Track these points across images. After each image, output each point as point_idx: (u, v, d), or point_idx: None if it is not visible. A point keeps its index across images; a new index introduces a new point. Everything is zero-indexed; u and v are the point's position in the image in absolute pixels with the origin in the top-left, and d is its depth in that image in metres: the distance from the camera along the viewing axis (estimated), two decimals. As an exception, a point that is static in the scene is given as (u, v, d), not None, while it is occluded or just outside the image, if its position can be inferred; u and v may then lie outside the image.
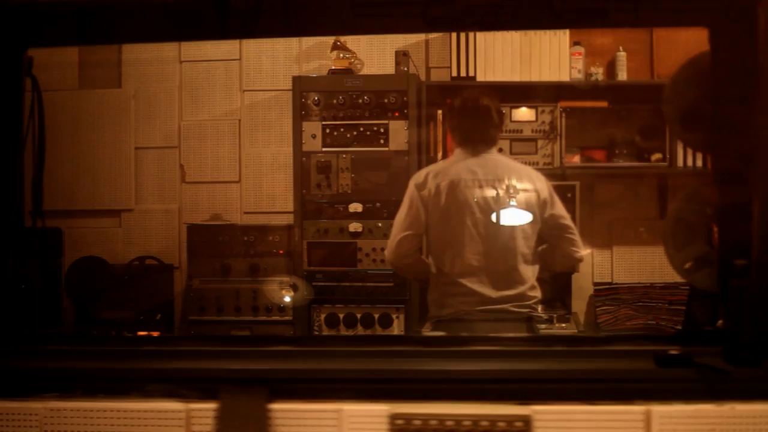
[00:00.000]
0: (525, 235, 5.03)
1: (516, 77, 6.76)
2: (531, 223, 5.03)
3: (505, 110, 6.64)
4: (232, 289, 6.84)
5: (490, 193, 4.99)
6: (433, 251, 5.17)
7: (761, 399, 2.66)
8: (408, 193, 5.15)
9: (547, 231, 5.07)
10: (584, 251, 5.23)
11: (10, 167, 3.22)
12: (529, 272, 5.06)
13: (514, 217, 5.00)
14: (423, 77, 7.04)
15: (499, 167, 5.13)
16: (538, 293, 5.11)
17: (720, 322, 2.92)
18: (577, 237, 5.13)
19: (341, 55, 6.87)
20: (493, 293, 4.98)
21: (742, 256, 2.77)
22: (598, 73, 6.84)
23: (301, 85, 6.71)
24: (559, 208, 5.10)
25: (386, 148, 6.63)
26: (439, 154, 6.73)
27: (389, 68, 6.86)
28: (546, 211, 5.04)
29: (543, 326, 5.61)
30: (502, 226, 4.99)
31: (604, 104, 6.78)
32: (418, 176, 5.20)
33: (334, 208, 6.64)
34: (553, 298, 6.44)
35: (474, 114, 5.18)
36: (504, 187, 5.00)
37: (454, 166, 5.15)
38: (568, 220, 5.12)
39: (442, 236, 5.07)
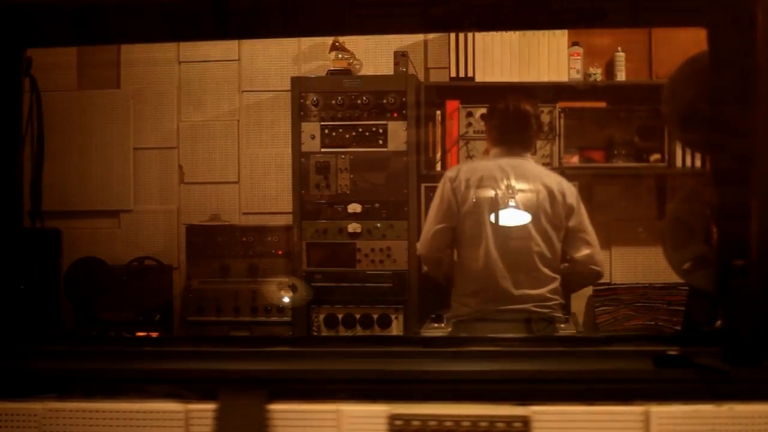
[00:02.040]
0: (548, 240, 5.05)
1: (515, 78, 6.76)
2: (555, 228, 5.06)
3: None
4: (231, 289, 6.84)
5: (519, 192, 5.02)
6: (459, 245, 5.20)
7: (760, 399, 2.66)
8: (440, 186, 5.20)
9: (568, 241, 5.09)
10: (603, 268, 5.28)
11: (10, 168, 3.22)
12: (551, 277, 5.08)
13: (538, 219, 5.03)
14: (422, 78, 7.04)
15: (531, 170, 5.20)
16: (559, 298, 5.14)
17: (719, 322, 2.93)
18: (596, 251, 5.15)
19: (340, 55, 6.87)
20: (515, 291, 4.99)
21: (740, 256, 2.77)
22: (597, 73, 6.84)
23: (299, 85, 6.71)
24: (583, 220, 5.14)
25: (385, 149, 6.63)
26: (438, 155, 6.74)
27: (388, 69, 6.86)
28: (571, 220, 5.06)
29: (562, 326, 5.63)
30: (526, 226, 5.02)
31: (602, 104, 6.78)
32: (452, 170, 5.29)
33: (333, 208, 6.64)
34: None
35: (515, 118, 5.24)
36: (533, 188, 5.06)
37: (487, 163, 5.24)
38: (589, 235, 5.15)
39: (469, 230, 5.10)
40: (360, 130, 6.64)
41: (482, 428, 2.70)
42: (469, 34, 6.72)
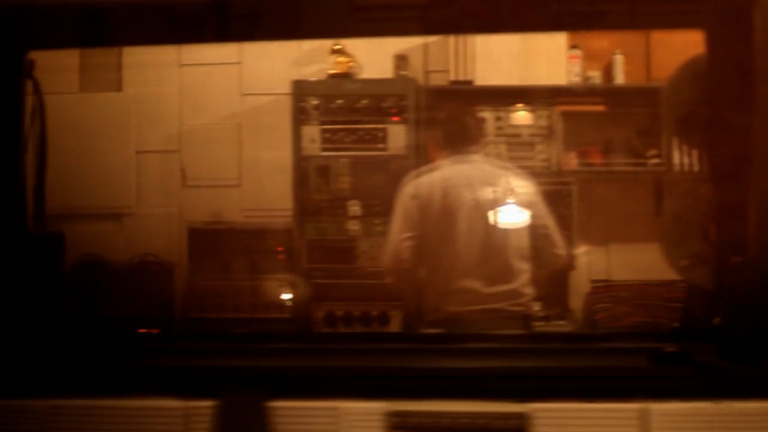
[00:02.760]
0: (517, 234, 5.05)
1: (514, 81, 6.76)
2: (522, 220, 5.06)
3: (502, 113, 6.68)
4: (232, 287, 6.84)
5: (482, 194, 5.03)
6: (427, 255, 5.15)
7: (757, 396, 2.68)
8: (400, 202, 5.17)
9: (529, 231, 5.11)
10: (565, 251, 5.30)
11: (13, 171, 3.24)
12: (522, 271, 5.07)
13: (505, 215, 5.03)
14: (421, 81, 7.04)
15: (487, 169, 5.21)
16: (531, 291, 5.12)
17: (716, 319, 2.94)
18: (556, 237, 5.16)
19: (340, 59, 6.88)
20: (487, 290, 4.99)
21: (737, 253, 2.79)
22: (596, 76, 6.85)
23: (300, 89, 6.72)
24: (540, 208, 5.15)
25: (385, 152, 6.64)
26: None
27: (388, 72, 6.87)
28: (531, 209, 5.08)
29: (540, 324, 5.62)
30: (494, 224, 5.02)
31: (601, 107, 6.79)
32: (410, 186, 5.22)
33: (333, 209, 6.65)
34: (550, 296, 6.44)
35: (457, 121, 5.35)
36: (493, 187, 5.06)
37: (444, 171, 5.20)
38: (548, 220, 5.16)
39: (436, 240, 5.08)
40: (360, 133, 6.65)
41: (480, 425, 2.72)
42: (469, 38, 6.73)
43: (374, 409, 2.75)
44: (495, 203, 5.04)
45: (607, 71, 6.93)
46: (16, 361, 3.07)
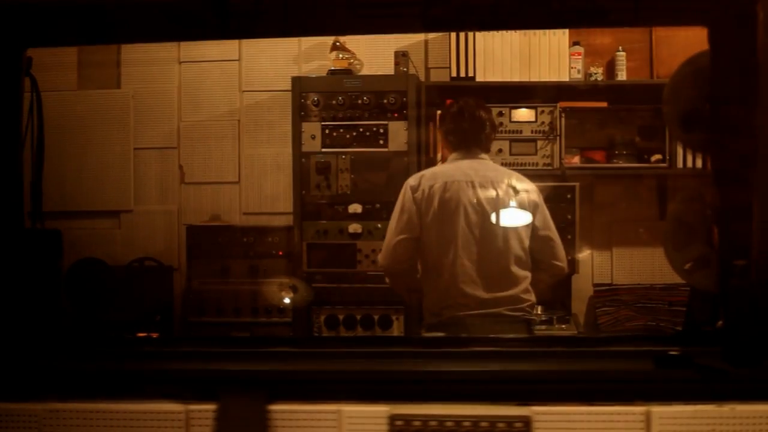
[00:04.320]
0: (518, 238, 5.03)
1: (515, 77, 6.76)
2: (524, 226, 5.04)
3: (504, 111, 6.66)
4: (232, 290, 6.84)
5: (484, 194, 5.00)
6: (425, 255, 5.13)
7: (761, 399, 2.66)
8: (401, 197, 5.14)
9: (532, 239, 5.07)
10: (565, 263, 5.25)
11: (10, 168, 3.22)
12: (523, 275, 5.04)
13: (507, 219, 5.01)
14: (422, 78, 7.04)
15: (492, 170, 5.16)
16: (532, 297, 5.08)
17: (720, 322, 2.92)
18: (559, 247, 5.14)
19: (340, 55, 6.87)
20: (487, 295, 4.96)
21: (741, 256, 2.77)
22: (598, 73, 6.83)
23: (300, 85, 6.71)
24: (545, 217, 5.12)
25: (386, 149, 6.63)
26: (439, 155, 6.72)
27: (388, 69, 6.85)
28: (536, 218, 5.07)
29: (542, 327, 5.59)
30: (496, 227, 4.99)
31: (603, 104, 6.77)
32: (413, 179, 5.19)
33: (334, 209, 6.64)
34: (552, 300, 6.43)
35: (470, 121, 5.20)
36: (497, 189, 5.03)
37: (448, 168, 5.18)
38: (551, 231, 5.13)
39: (435, 238, 5.05)
40: (360, 130, 6.63)
41: (483, 428, 2.70)
42: (470, 34, 6.72)
43: (377, 412, 2.74)
44: (498, 204, 5.00)
45: (610, 68, 6.92)
46: (13, 363, 3.05)
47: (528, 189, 5.10)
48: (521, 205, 5.05)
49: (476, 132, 5.20)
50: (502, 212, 5.02)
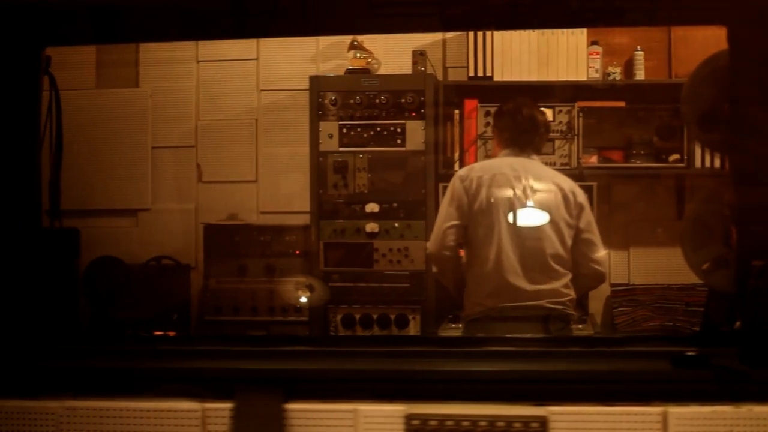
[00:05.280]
0: (560, 236, 5.08)
1: (533, 77, 6.74)
2: (568, 226, 5.09)
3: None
4: (249, 289, 6.84)
5: (530, 190, 5.05)
6: (471, 244, 5.18)
7: (779, 401, 2.65)
8: (451, 185, 5.22)
9: (575, 241, 5.12)
10: (605, 268, 5.30)
11: (29, 166, 3.23)
12: (563, 272, 5.08)
13: (551, 216, 5.05)
14: (440, 77, 7.02)
15: (542, 170, 5.25)
16: (572, 292, 5.12)
17: (737, 323, 2.91)
18: (601, 252, 5.16)
19: (358, 54, 6.87)
20: (530, 287, 5.00)
21: (760, 257, 2.76)
22: (616, 72, 6.81)
23: (318, 84, 6.70)
24: (591, 221, 5.18)
25: (403, 148, 6.61)
26: (456, 154, 6.72)
27: (406, 68, 6.84)
28: (581, 220, 5.12)
29: (579, 326, 5.60)
30: (541, 224, 5.05)
31: (621, 104, 6.75)
32: (463, 170, 5.33)
33: (351, 208, 6.63)
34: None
35: (526, 120, 5.29)
36: (544, 187, 5.10)
37: (497, 162, 5.28)
38: (594, 236, 5.17)
39: (481, 228, 5.10)
40: (378, 129, 6.63)
41: (499, 428, 2.70)
42: (488, 34, 6.71)
43: (393, 412, 2.74)
44: (543, 202, 5.07)
45: (628, 67, 6.90)
46: (30, 361, 3.07)
47: (575, 191, 5.16)
48: (567, 206, 5.10)
49: (530, 132, 5.28)
50: (547, 210, 5.08)
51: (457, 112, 6.78)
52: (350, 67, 6.87)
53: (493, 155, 5.69)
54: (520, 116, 5.29)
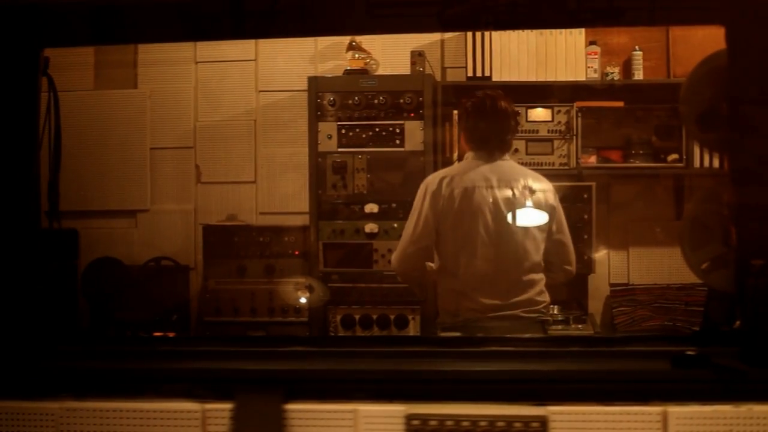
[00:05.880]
0: (535, 243, 4.98)
1: (532, 77, 6.75)
2: (540, 230, 5.00)
3: (520, 110, 6.63)
4: (248, 290, 6.83)
5: (503, 201, 4.94)
6: (443, 257, 5.08)
7: (779, 400, 2.65)
8: (419, 199, 5.06)
9: (547, 242, 5.03)
10: (575, 266, 5.19)
11: (27, 167, 3.23)
12: (538, 279, 5.01)
13: (525, 223, 4.97)
14: (438, 77, 7.02)
15: (513, 174, 5.06)
16: (546, 297, 5.05)
17: (737, 322, 2.92)
18: (571, 251, 5.11)
19: (357, 55, 6.87)
20: (502, 302, 4.93)
21: (759, 256, 2.76)
22: (614, 72, 6.82)
23: (316, 85, 6.71)
24: (562, 220, 5.08)
25: (402, 149, 6.62)
26: (455, 155, 6.71)
27: (405, 68, 6.84)
28: (553, 222, 5.02)
29: (559, 327, 5.57)
30: (514, 233, 4.95)
31: (620, 104, 6.75)
32: (432, 181, 5.09)
33: (350, 208, 6.63)
34: (569, 299, 6.42)
35: (492, 118, 5.08)
36: (516, 194, 4.97)
37: (468, 173, 5.05)
38: (565, 236, 5.09)
39: (453, 243, 5.00)
40: (377, 129, 6.63)
41: (499, 428, 2.70)
42: (486, 34, 6.71)
43: (393, 412, 2.74)
44: (514, 207, 4.96)
45: (626, 67, 6.90)
46: (29, 362, 3.07)
47: (546, 193, 5.02)
48: (539, 210, 4.99)
49: (498, 132, 5.08)
50: (521, 219, 4.97)
51: (455, 112, 6.77)
52: (349, 68, 6.87)
53: (461, 152, 5.56)
54: (486, 114, 5.09)
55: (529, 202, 4.98)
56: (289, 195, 7.21)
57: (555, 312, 6.03)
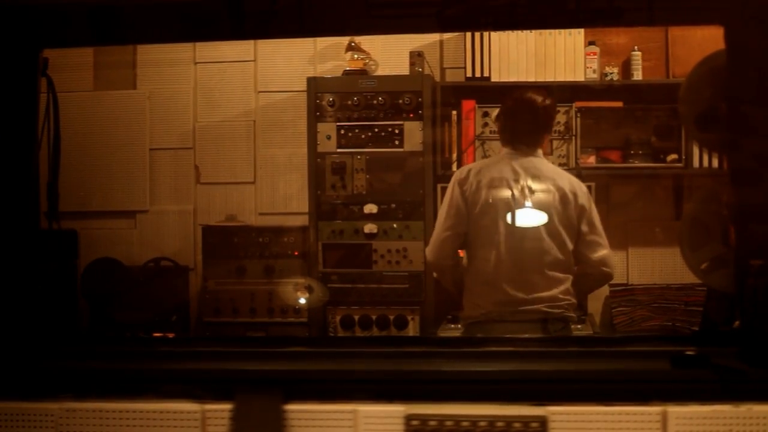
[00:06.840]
0: (560, 241, 4.98)
1: (531, 77, 6.75)
2: (567, 229, 5.00)
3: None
4: (248, 290, 6.84)
5: (531, 194, 4.96)
6: (470, 248, 5.13)
7: (778, 400, 2.65)
8: (449, 189, 5.13)
9: (579, 243, 5.03)
10: (613, 269, 5.20)
11: (26, 168, 3.23)
12: (563, 278, 5.01)
13: (546, 221, 4.96)
14: (437, 78, 7.03)
15: (543, 170, 5.10)
16: (572, 298, 5.05)
17: (737, 322, 2.92)
18: (608, 253, 5.09)
19: (356, 55, 6.87)
20: (526, 295, 4.94)
21: (758, 256, 2.76)
22: (613, 72, 6.82)
23: (315, 86, 6.71)
24: (595, 222, 5.07)
25: (401, 149, 6.62)
26: (454, 155, 6.72)
27: (404, 69, 6.84)
28: (582, 222, 5.02)
29: (579, 327, 5.57)
30: (536, 229, 4.97)
31: (619, 104, 6.75)
32: (461, 172, 5.17)
33: (349, 209, 6.63)
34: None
35: (525, 115, 5.17)
36: (545, 189, 5.00)
37: (498, 164, 5.13)
38: (599, 236, 5.06)
39: (480, 234, 5.04)
40: (376, 130, 6.63)
41: (499, 428, 2.70)
42: (485, 34, 6.71)
43: (392, 412, 2.74)
44: (542, 207, 4.99)
45: (625, 68, 6.90)
46: (29, 363, 3.06)
47: (576, 192, 5.04)
48: (566, 209, 4.99)
49: (529, 127, 5.13)
50: (547, 213, 4.98)
51: (454, 112, 6.78)
52: (348, 68, 6.87)
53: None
54: (516, 110, 5.20)
55: (554, 201, 4.99)
56: (289, 195, 7.22)
57: (575, 313, 6.03)
